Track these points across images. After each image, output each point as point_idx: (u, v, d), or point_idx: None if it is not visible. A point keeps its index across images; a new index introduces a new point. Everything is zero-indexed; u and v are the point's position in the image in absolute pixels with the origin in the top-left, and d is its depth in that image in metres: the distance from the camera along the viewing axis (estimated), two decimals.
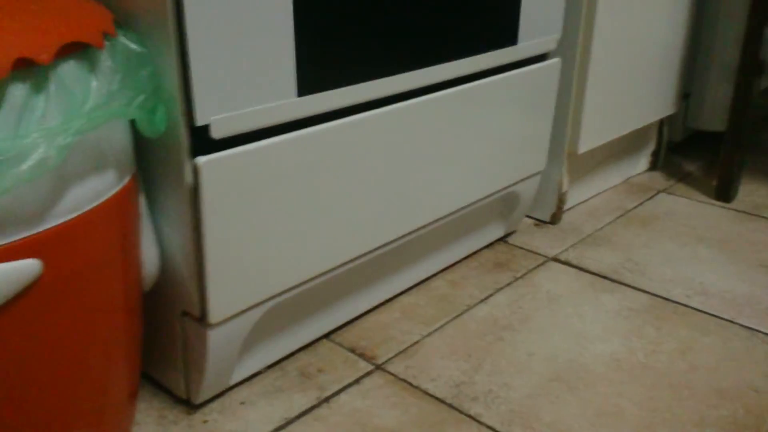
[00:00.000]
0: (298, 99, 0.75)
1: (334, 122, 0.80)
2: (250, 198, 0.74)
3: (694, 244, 1.23)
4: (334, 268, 0.89)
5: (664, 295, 1.08)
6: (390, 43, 0.84)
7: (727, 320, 1.02)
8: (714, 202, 1.41)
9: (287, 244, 0.80)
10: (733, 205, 1.39)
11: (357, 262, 0.92)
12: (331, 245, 0.86)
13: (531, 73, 1.07)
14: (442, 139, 0.96)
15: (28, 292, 0.56)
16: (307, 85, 0.76)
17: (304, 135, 0.77)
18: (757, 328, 1.00)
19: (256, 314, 0.82)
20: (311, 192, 0.81)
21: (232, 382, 0.86)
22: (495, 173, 1.09)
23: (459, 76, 0.95)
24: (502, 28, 0.99)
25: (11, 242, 0.55)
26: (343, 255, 0.89)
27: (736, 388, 0.87)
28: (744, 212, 1.36)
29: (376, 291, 1.02)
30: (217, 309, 0.76)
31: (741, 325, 1.00)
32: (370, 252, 0.93)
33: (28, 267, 0.55)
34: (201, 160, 0.68)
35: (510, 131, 1.08)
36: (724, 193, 1.41)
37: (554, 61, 1.12)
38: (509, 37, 1.01)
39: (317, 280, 0.87)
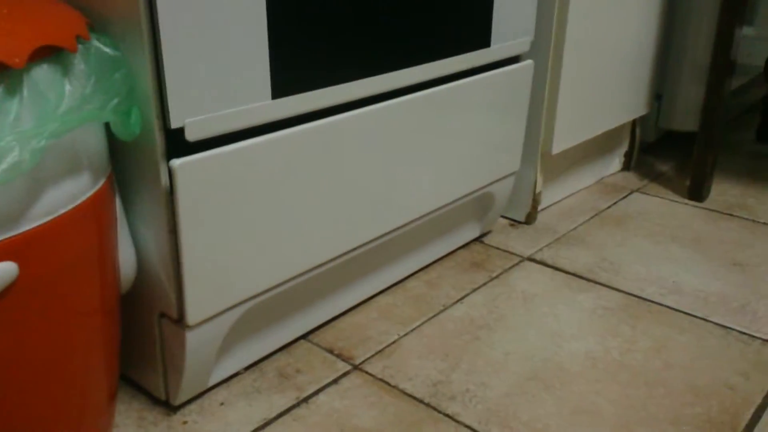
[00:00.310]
0: (273, 101, 0.76)
1: (309, 124, 0.80)
2: (226, 200, 0.74)
3: (667, 243, 1.25)
4: (311, 269, 0.89)
5: (639, 294, 1.09)
6: (363, 46, 0.85)
7: (701, 318, 1.03)
8: (687, 201, 1.43)
9: (264, 245, 0.81)
10: (706, 204, 1.41)
11: (334, 263, 0.92)
12: (307, 247, 0.87)
13: (504, 74, 1.08)
14: (417, 140, 0.97)
15: (4, 295, 0.56)
16: (281, 87, 0.76)
17: (279, 137, 0.77)
18: (730, 326, 1.01)
19: (233, 316, 0.82)
20: (287, 194, 0.81)
21: (211, 383, 0.86)
22: (470, 174, 1.10)
23: (433, 78, 0.96)
24: (475, 31, 1.00)
25: None
26: (320, 256, 0.89)
27: (710, 386, 0.89)
28: (717, 211, 1.38)
29: (353, 291, 1.03)
30: (194, 311, 0.76)
31: (715, 323, 1.02)
32: (347, 253, 0.93)
33: (4, 270, 0.55)
34: (176, 162, 0.69)
35: (484, 132, 1.09)
36: (697, 192, 1.43)
37: (527, 63, 1.13)
38: (482, 40, 1.02)
39: (294, 281, 0.88)
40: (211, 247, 0.75)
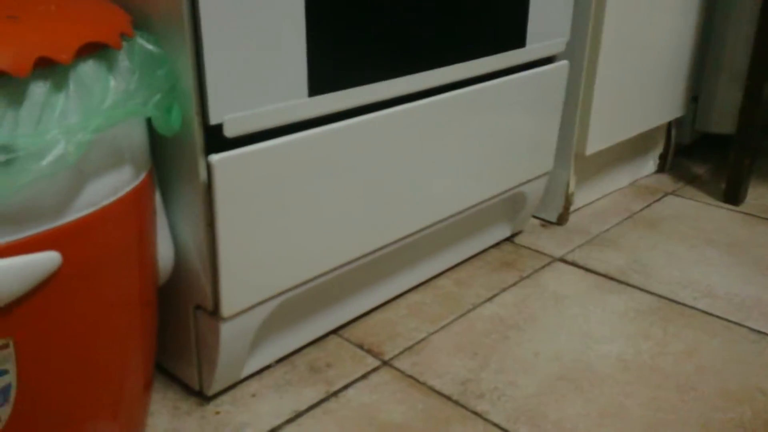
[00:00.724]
0: (309, 99, 0.77)
1: (345, 122, 0.81)
2: (262, 195, 0.76)
3: (701, 247, 1.24)
4: (343, 265, 0.90)
5: (671, 297, 1.08)
6: (400, 45, 0.85)
7: (734, 323, 1.02)
8: (722, 204, 1.41)
9: (298, 240, 0.82)
10: (742, 208, 1.40)
11: (365, 259, 0.93)
12: (340, 242, 0.88)
13: (539, 75, 1.08)
14: (450, 139, 0.97)
15: (47, 283, 0.58)
16: (318, 85, 0.77)
17: (314, 134, 0.79)
18: (764, 331, 1.00)
19: (267, 309, 0.83)
20: (322, 190, 0.82)
21: (244, 375, 0.88)
22: (502, 174, 1.10)
23: (468, 77, 0.96)
24: (510, 31, 1.00)
25: (32, 235, 0.56)
26: (352, 252, 0.90)
27: (742, 391, 0.88)
28: (753, 215, 1.37)
29: (383, 288, 1.04)
30: (229, 303, 0.77)
31: (748, 328, 1.01)
32: (378, 250, 0.94)
33: (48, 259, 0.57)
34: (214, 157, 0.70)
35: (518, 132, 1.09)
36: (733, 195, 1.41)
37: (562, 64, 1.13)
38: (518, 40, 1.02)
39: (327, 276, 0.89)
40: (247, 241, 0.76)
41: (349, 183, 0.85)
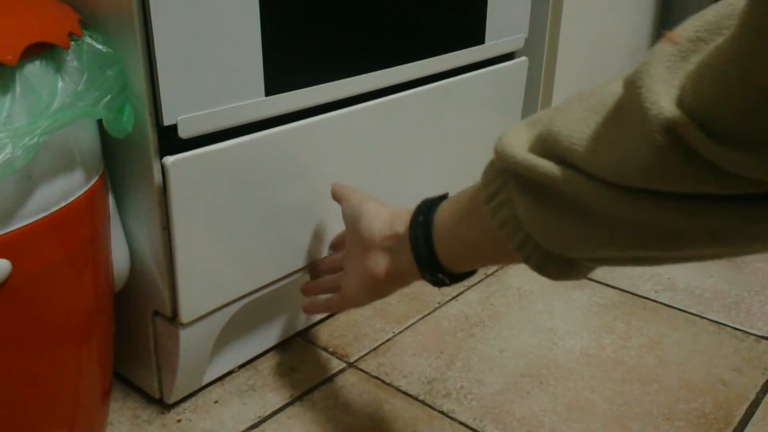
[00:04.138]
0: (266, 98, 0.76)
1: (301, 122, 0.80)
2: (219, 197, 0.74)
3: None
4: (305, 268, 0.89)
5: (633, 291, 1.09)
6: (357, 43, 0.85)
7: (695, 315, 1.03)
8: None
9: (257, 243, 0.81)
10: None
11: None
12: (301, 244, 0.87)
13: (499, 71, 1.08)
14: (412, 137, 0.97)
15: None
16: (274, 84, 0.76)
17: (271, 134, 0.77)
18: (725, 322, 1.01)
19: (227, 313, 0.82)
20: (281, 191, 0.81)
21: (205, 381, 0.86)
22: (464, 171, 1.10)
23: (427, 74, 0.96)
24: (469, 28, 1.00)
25: None
26: (314, 254, 0.89)
27: (705, 382, 0.89)
28: None
29: None
30: (188, 308, 0.76)
31: (709, 320, 1.02)
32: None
33: None
34: (169, 159, 0.68)
35: (479, 130, 1.09)
36: None
37: (522, 60, 1.13)
38: (477, 36, 1.02)
39: (289, 279, 0.87)
40: (204, 244, 0.75)
41: (308, 183, 0.84)
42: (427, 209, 0.61)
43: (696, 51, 0.33)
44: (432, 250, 0.60)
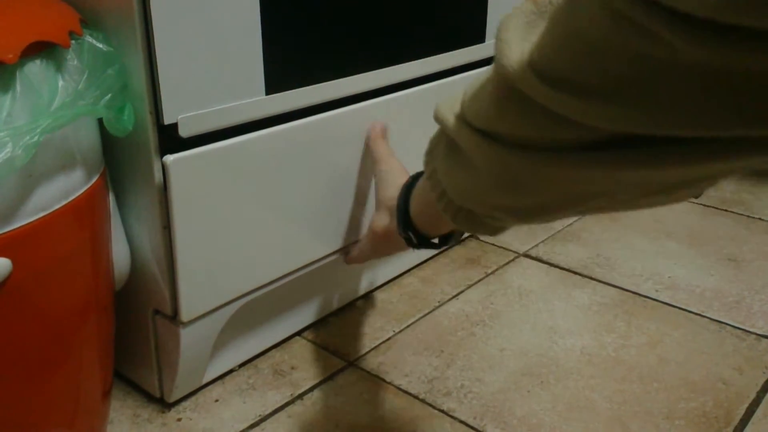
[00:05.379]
0: (266, 97, 0.76)
1: (302, 120, 0.80)
2: (220, 196, 0.74)
3: (662, 239, 1.25)
4: (306, 266, 0.89)
5: (634, 290, 1.09)
6: (358, 41, 0.85)
7: (695, 314, 1.03)
8: None
9: (258, 241, 0.81)
10: (701, 200, 1.42)
11: (329, 259, 0.92)
12: (302, 243, 0.87)
13: None
14: (412, 136, 0.97)
15: None
16: (275, 83, 0.76)
17: (272, 133, 0.77)
18: (725, 321, 1.01)
19: (227, 312, 0.82)
20: (281, 190, 0.81)
21: (206, 380, 0.86)
22: None
23: (427, 73, 0.96)
24: (470, 26, 1.00)
25: None
26: (315, 253, 0.89)
27: (705, 381, 0.89)
28: (711, 207, 1.39)
29: (348, 288, 1.03)
30: (188, 307, 0.76)
31: (710, 319, 1.02)
32: (342, 249, 0.93)
33: None
34: (169, 158, 0.68)
35: None
36: None
37: None
38: (477, 35, 1.02)
39: (289, 278, 0.87)
40: (205, 243, 0.75)
41: (309, 182, 0.84)
42: (418, 175, 0.68)
43: (548, 12, 0.38)
44: (407, 209, 0.68)
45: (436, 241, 0.69)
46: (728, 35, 0.29)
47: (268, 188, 0.79)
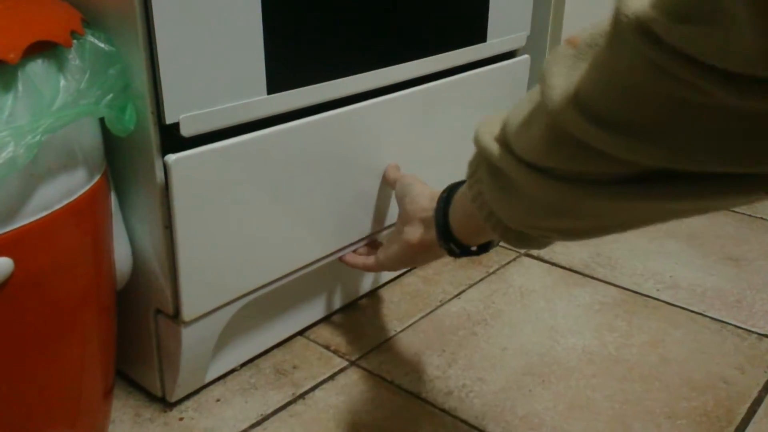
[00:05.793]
0: (268, 97, 0.76)
1: (304, 119, 0.80)
2: (222, 195, 0.74)
3: (663, 239, 1.25)
4: (308, 265, 0.89)
5: (635, 289, 1.09)
6: (359, 41, 0.85)
7: (697, 313, 1.03)
8: None
9: (260, 241, 0.81)
10: None
11: (330, 258, 0.92)
12: (304, 242, 0.87)
13: (501, 69, 1.08)
14: (413, 136, 0.97)
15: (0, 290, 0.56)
16: (276, 82, 0.76)
17: (274, 132, 0.77)
18: (726, 320, 1.01)
19: (229, 312, 0.82)
20: (284, 189, 0.81)
21: (208, 379, 0.86)
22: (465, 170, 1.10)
23: (429, 72, 0.96)
24: (471, 26, 1.00)
25: None
26: (317, 252, 0.89)
27: (706, 380, 0.89)
28: None
29: (349, 288, 1.03)
30: (190, 307, 0.76)
31: (711, 318, 1.02)
32: (344, 248, 0.93)
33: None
34: (171, 157, 0.69)
35: (472, 130, 1.08)
36: None
37: (524, 58, 1.12)
38: (478, 35, 1.02)
39: (290, 278, 0.87)
40: (207, 243, 0.75)
41: (311, 181, 0.84)
42: (451, 188, 0.71)
43: (589, 54, 0.40)
44: (447, 221, 0.70)
45: (475, 249, 0.71)
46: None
47: (270, 187, 0.79)
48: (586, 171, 0.42)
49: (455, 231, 0.69)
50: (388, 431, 0.80)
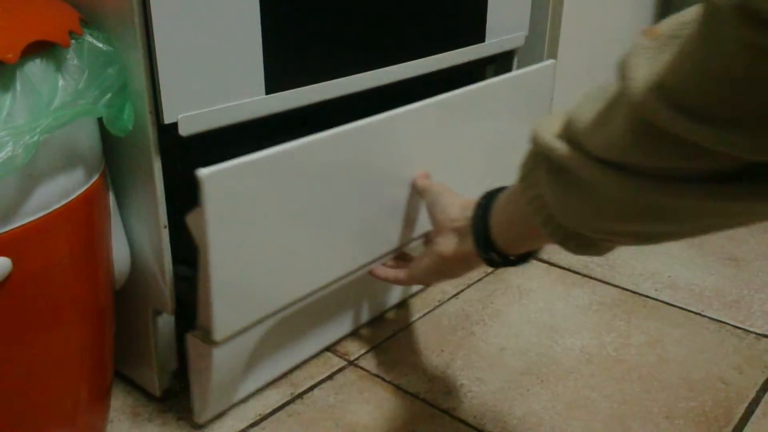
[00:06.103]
0: (267, 96, 0.75)
1: (333, 130, 0.76)
2: (253, 210, 0.70)
3: None
4: (339, 279, 0.85)
5: (634, 289, 1.09)
6: (357, 41, 0.85)
7: (695, 313, 1.03)
8: None
9: (292, 255, 0.77)
10: None
11: (361, 271, 0.88)
12: (336, 255, 0.83)
13: (526, 75, 1.03)
14: (443, 144, 0.92)
15: None
16: (275, 82, 0.76)
17: (306, 144, 0.73)
18: (725, 320, 1.01)
19: (260, 330, 0.80)
20: (315, 201, 0.77)
21: (236, 399, 0.84)
22: (493, 178, 1.00)
23: (427, 72, 0.95)
24: (470, 26, 1.00)
25: None
26: (352, 263, 0.85)
27: (705, 381, 0.89)
28: None
29: (374, 300, 1.00)
30: (221, 326, 0.73)
31: (709, 318, 1.02)
32: (376, 260, 0.89)
33: None
34: (203, 172, 0.64)
35: (505, 135, 1.03)
36: None
37: (549, 63, 1.07)
38: (477, 34, 1.01)
39: (322, 292, 0.84)
40: (239, 260, 0.71)
41: (343, 193, 0.80)
42: (489, 195, 0.68)
43: (671, 45, 0.39)
44: (487, 229, 0.66)
45: (514, 258, 0.68)
46: None
47: (301, 200, 0.75)
48: (670, 166, 0.41)
49: (496, 239, 0.66)
50: (386, 431, 0.80)
